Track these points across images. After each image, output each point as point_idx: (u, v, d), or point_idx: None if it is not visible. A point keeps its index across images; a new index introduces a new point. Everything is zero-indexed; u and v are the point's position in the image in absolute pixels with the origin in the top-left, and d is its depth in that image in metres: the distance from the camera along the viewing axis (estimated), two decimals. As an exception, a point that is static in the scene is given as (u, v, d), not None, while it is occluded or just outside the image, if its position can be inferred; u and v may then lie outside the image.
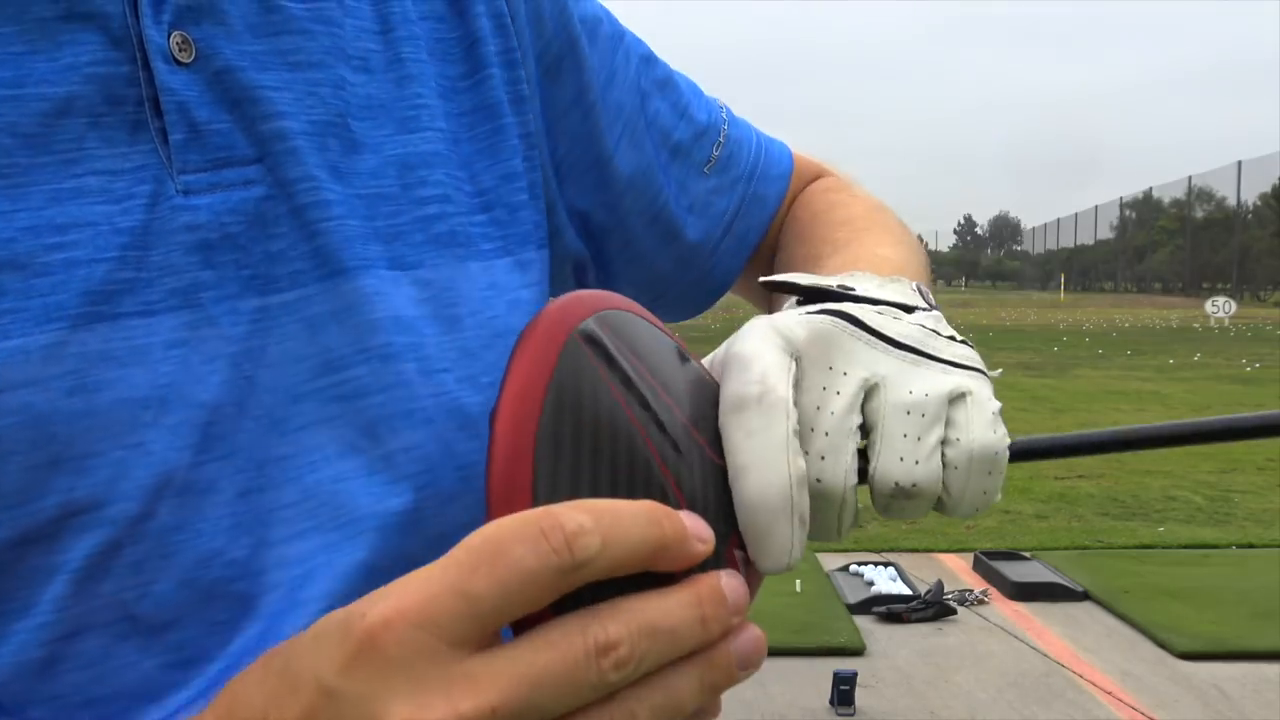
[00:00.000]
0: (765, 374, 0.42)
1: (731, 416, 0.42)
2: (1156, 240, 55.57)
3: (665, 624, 0.34)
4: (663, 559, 0.34)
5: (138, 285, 0.44)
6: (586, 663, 0.32)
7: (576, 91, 0.63)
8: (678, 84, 0.70)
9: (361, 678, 0.31)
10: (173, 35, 0.46)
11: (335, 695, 0.31)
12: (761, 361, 0.43)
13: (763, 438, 0.41)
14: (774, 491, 0.40)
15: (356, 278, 0.49)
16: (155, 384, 0.43)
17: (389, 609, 0.32)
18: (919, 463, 0.44)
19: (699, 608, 0.35)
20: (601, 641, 0.32)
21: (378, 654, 0.31)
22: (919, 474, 0.44)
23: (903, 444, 0.44)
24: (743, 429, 0.41)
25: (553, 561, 0.32)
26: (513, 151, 0.57)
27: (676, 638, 0.34)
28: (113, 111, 0.45)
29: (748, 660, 0.36)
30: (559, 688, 0.32)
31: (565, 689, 0.32)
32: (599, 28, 0.65)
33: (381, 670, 0.31)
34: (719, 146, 0.71)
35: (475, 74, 0.57)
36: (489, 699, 0.31)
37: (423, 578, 0.32)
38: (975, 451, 0.45)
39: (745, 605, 0.36)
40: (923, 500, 0.44)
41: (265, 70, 0.48)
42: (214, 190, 0.46)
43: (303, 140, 0.49)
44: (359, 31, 0.53)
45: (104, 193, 0.44)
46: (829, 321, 0.46)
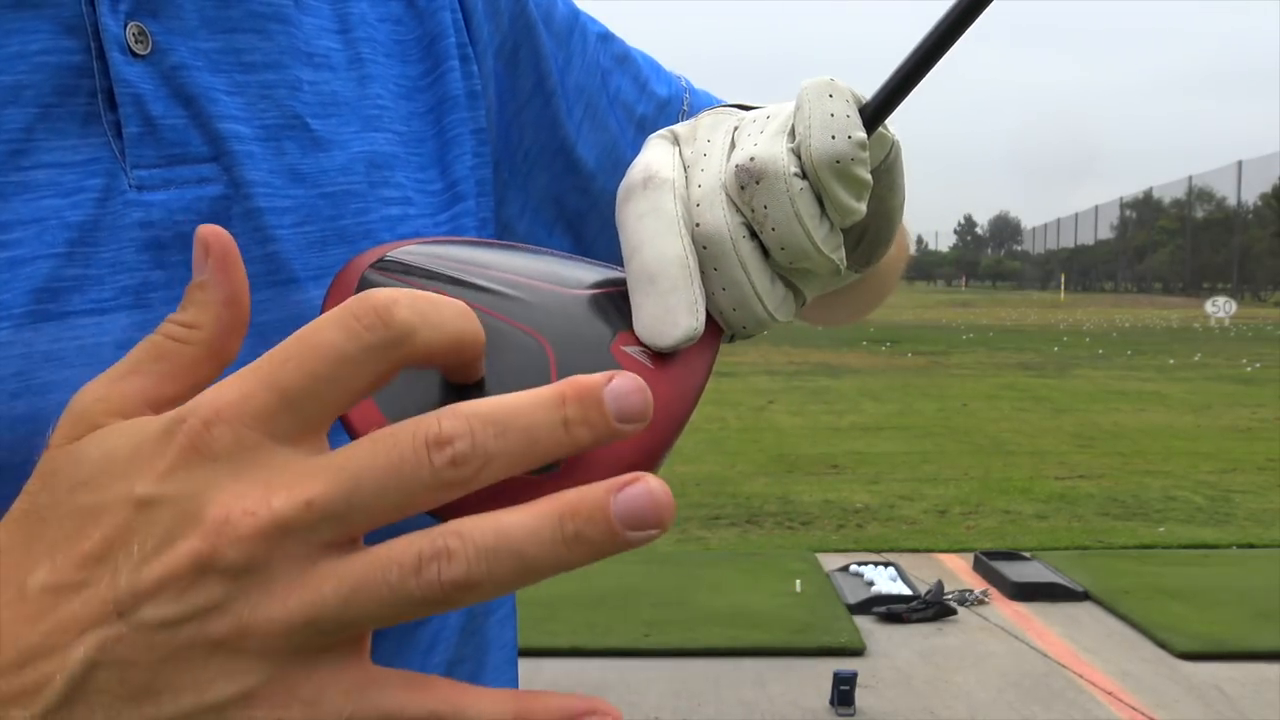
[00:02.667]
0: (649, 162, 0.43)
1: (622, 206, 0.43)
2: (1157, 240, 55.55)
3: (517, 421, 0.30)
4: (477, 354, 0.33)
5: (86, 283, 0.42)
6: (415, 456, 0.29)
7: (536, 79, 0.62)
8: (636, 59, 0.70)
9: (181, 479, 0.30)
10: (129, 26, 0.44)
11: (152, 503, 0.30)
12: (645, 155, 0.44)
13: (651, 217, 0.42)
14: (668, 256, 0.41)
15: (306, 289, 0.48)
16: None
17: (208, 409, 0.30)
18: (758, 144, 0.43)
19: (560, 407, 0.30)
20: (434, 434, 0.29)
21: (200, 453, 0.30)
22: (758, 150, 0.42)
23: (746, 139, 0.44)
24: (633, 213, 0.42)
25: (364, 338, 0.30)
26: (464, 146, 0.57)
27: (531, 437, 0.30)
28: (63, 102, 0.43)
29: (637, 516, 0.29)
30: (383, 482, 0.29)
31: (391, 484, 0.29)
32: (553, 10, 0.64)
33: (202, 468, 0.30)
34: (684, 115, 0.71)
35: (436, 70, 0.56)
36: (305, 491, 0.29)
37: (239, 376, 0.31)
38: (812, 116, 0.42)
39: (638, 411, 0.30)
40: (769, 179, 0.42)
41: (218, 72, 0.47)
42: (168, 186, 0.45)
43: (256, 145, 0.48)
44: (317, 30, 0.52)
45: (52, 186, 0.42)
46: (710, 111, 0.47)
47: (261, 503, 0.30)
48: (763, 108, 0.46)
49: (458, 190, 0.56)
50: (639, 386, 0.31)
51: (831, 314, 0.77)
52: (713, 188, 0.43)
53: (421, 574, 0.29)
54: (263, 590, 0.30)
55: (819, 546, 5.53)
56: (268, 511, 0.29)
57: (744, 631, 4.19)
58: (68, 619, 0.31)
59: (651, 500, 0.29)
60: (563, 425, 0.30)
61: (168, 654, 0.30)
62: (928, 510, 6.39)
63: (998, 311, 33.58)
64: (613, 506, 0.29)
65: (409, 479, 0.29)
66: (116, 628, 0.30)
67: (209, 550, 0.29)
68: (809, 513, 6.30)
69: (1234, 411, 10.49)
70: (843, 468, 7.60)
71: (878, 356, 16.19)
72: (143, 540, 0.30)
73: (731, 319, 0.43)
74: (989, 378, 13.47)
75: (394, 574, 0.29)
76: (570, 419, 0.30)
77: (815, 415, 10.05)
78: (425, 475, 0.29)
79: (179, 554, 0.30)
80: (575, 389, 0.30)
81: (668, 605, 4.46)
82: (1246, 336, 21.84)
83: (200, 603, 0.30)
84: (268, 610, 0.30)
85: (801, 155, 0.42)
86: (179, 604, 0.30)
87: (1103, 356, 16.67)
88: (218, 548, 0.29)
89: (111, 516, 0.31)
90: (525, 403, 0.30)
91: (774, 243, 0.42)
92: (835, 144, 0.42)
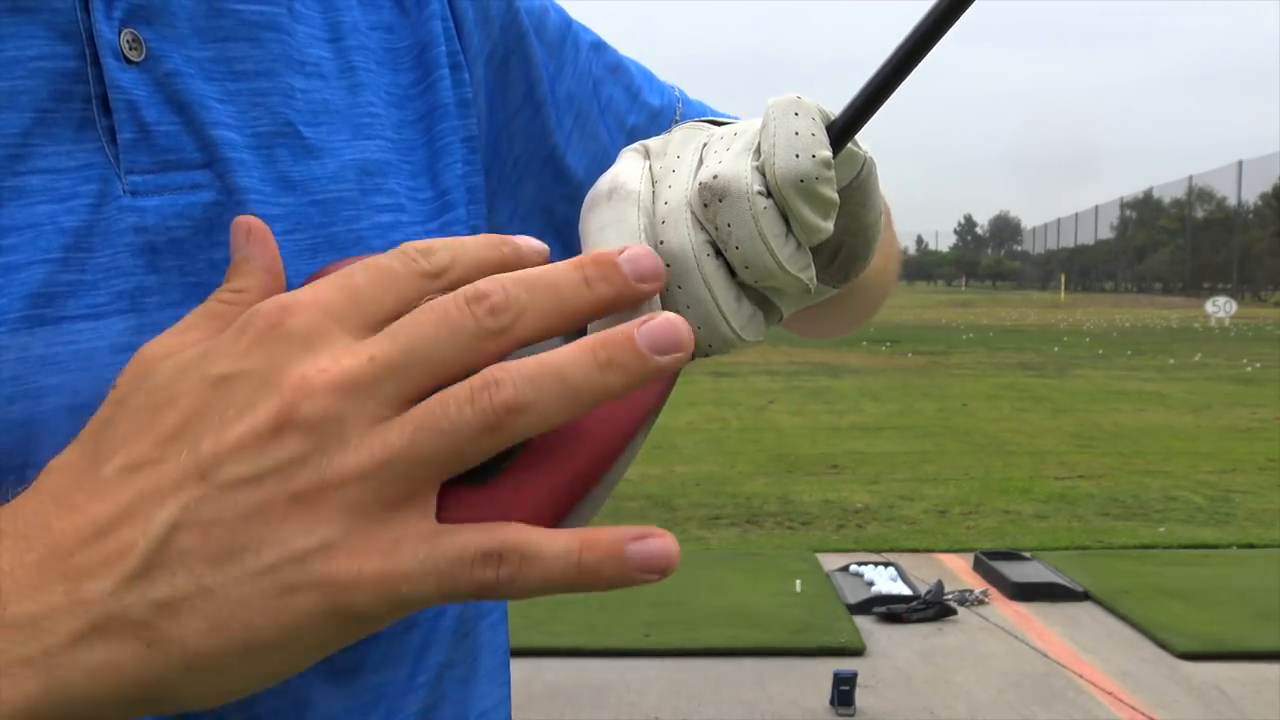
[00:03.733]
0: (617, 174, 0.44)
1: (585, 215, 0.44)
2: (1157, 240, 55.54)
3: (543, 279, 0.35)
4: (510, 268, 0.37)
5: (81, 288, 0.42)
6: (459, 310, 0.34)
7: (526, 87, 0.62)
8: (629, 69, 0.70)
9: (260, 354, 0.34)
10: (124, 33, 0.45)
11: (229, 379, 0.34)
12: (614, 168, 0.45)
13: (613, 229, 0.42)
14: None
15: None
16: (100, 391, 0.42)
17: (284, 299, 0.35)
18: (722, 161, 0.43)
19: (580, 269, 0.35)
20: (472, 292, 0.34)
21: (276, 333, 0.34)
22: (722, 167, 0.42)
23: (713, 156, 0.44)
24: (596, 224, 0.43)
25: (413, 266, 0.36)
26: (454, 154, 0.57)
27: (558, 291, 0.35)
28: (59, 108, 0.43)
29: (659, 340, 0.34)
30: (435, 335, 0.34)
31: (442, 335, 0.34)
32: (545, 18, 0.64)
33: (279, 344, 0.34)
34: (676, 126, 0.71)
35: (427, 78, 0.56)
36: (368, 350, 0.34)
37: (310, 285, 0.36)
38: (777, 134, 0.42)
39: (651, 273, 0.36)
40: (732, 198, 0.41)
41: (211, 79, 0.47)
42: (162, 192, 0.45)
43: (248, 153, 0.48)
44: (309, 39, 0.52)
45: (47, 191, 0.42)
46: (683, 126, 0.47)
47: (333, 362, 0.33)
48: (733, 123, 0.46)
49: (448, 198, 0.56)
50: (648, 253, 0.36)
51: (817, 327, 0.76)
52: (678, 204, 0.43)
53: (475, 402, 0.32)
54: (338, 443, 0.33)
55: (819, 546, 5.53)
56: (338, 369, 0.33)
57: (744, 631, 4.19)
58: (149, 488, 0.33)
59: (670, 326, 0.34)
60: (584, 283, 0.35)
61: (250, 510, 0.32)
62: (928, 510, 6.39)
63: (998, 311, 33.59)
64: (638, 334, 0.34)
65: (457, 329, 0.34)
66: (200, 489, 0.32)
67: (287, 406, 0.33)
68: (809, 513, 6.30)
69: (1234, 411, 10.49)
70: (843, 468, 7.60)
71: (878, 356, 16.19)
72: (223, 410, 0.33)
73: (697, 337, 0.42)
74: (989, 378, 13.47)
75: (451, 407, 0.33)
76: (590, 277, 0.35)
77: (815, 415, 10.05)
78: (470, 324, 0.34)
79: (259, 414, 0.33)
80: (592, 257, 0.35)
81: (668, 605, 4.46)
82: (1246, 336, 21.84)
83: (282, 457, 0.32)
84: (343, 461, 0.32)
85: (766, 174, 0.42)
86: (261, 460, 0.32)
87: (1103, 356, 16.67)
88: (295, 402, 0.32)
89: (188, 398, 0.34)
90: (549, 267, 0.35)
91: (738, 261, 0.42)
92: (799, 163, 0.41)
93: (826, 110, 0.43)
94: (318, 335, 0.34)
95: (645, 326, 0.34)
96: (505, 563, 0.33)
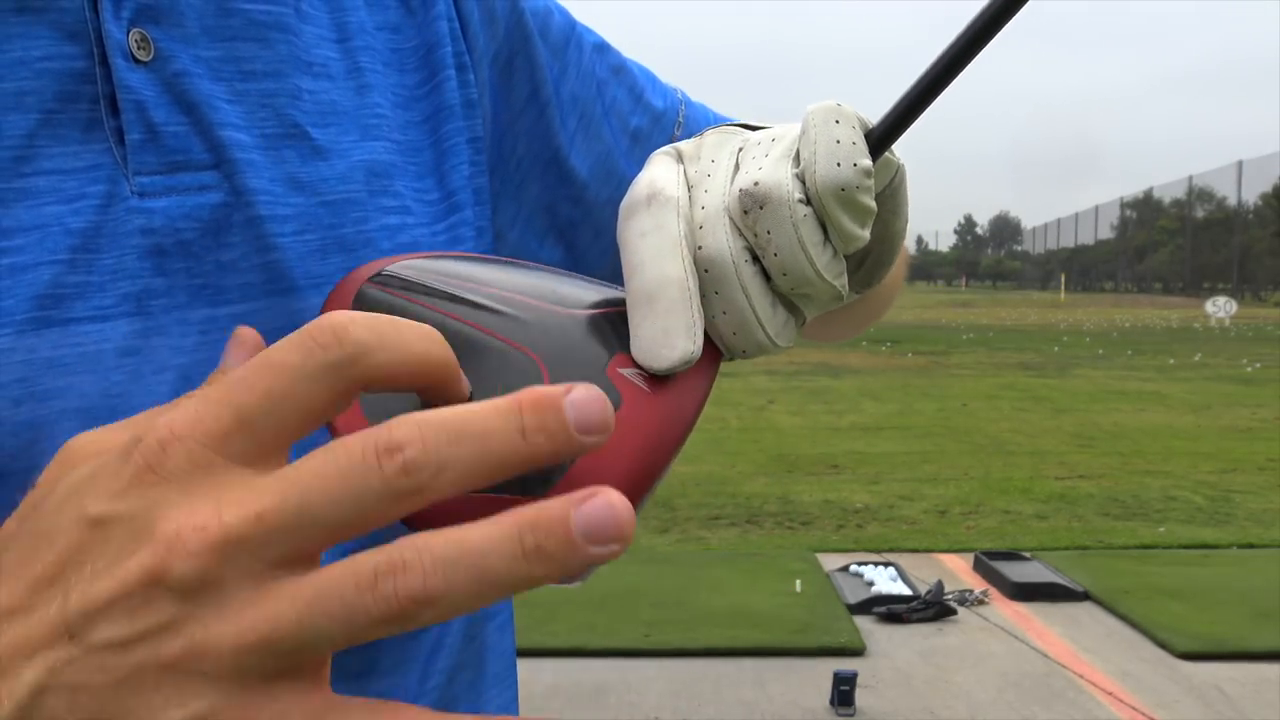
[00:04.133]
0: (654, 178, 0.43)
1: (625, 223, 0.42)
2: (1157, 240, 55.55)
3: (470, 428, 0.29)
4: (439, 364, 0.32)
5: (89, 289, 0.42)
6: (365, 464, 0.28)
7: (531, 88, 0.62)
8: (632, 71, 0.70)
9: (134, 498, 0.30)
10: (132, 32, 0.44)
11: (105, 522, 0.30)
12: (649, 172, 0.44)
13: (655, 236, 0.41)
14: (669, 277, 0.40)
15: (306, 297, 0.48)
16: (107, 394, 0.42)
17: (164, 428, 0.30)
18: (762, 168, 0.42)
19: (517, 414, 0.29)
20: (384, 442, 0.28)
21: (154, 473, 0.30)
22: (762, 174, 0.42)
23: (751, 162, 0.43)
24: (636, 231, 0.42)
25: (318, 356, 0.30)
26: (460, 155, 0.57)
27: (486, 445, 0.29)
28: (66, 108, 0.43)
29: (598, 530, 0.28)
30: (334, 492, 0.28)
31: (342, 493, 0.28)
32: (550, 20, 0.64)
33: (156, 487, 0.30)
34: (679, 127, 0.71)
35: (433, 79, 0.56)
36: (256, 505, 0.29)
37: (197, 397, 0.31)
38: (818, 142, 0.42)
39: (598, 422, 0.29)
40: (773, 206, 0.41)
41: (219, 79, 0.47)
42: (170, 194, 0.45)
43: (256, 153, 0.47)
44: (317, 39, 0.52)
45: (54, 193, 0.42)
46: (715, 130, 0.47)
47: (212, 517, 0.29)
48: (768, 128, 0.46)
49: (455, 200, 0.56)
50: (598, 396, 0.30)
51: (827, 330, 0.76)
52: (716, 210, 0.42)
53: (378, 588, 0.28)
54: (215, 609, 0.29)
55: (819, 546, 5.53)
56: (218, 525, 0.29)
57: (744, 631, 4.19)
58: (19, 641, 0.30)
59: (611, 513, 0.28)
60: (520, 433, 0.29)
61: (120, 678, 0.29)
62: (928, 510, 6.39)
63: (998, 311, 33.59)
64: (573, 519, 0.28)
65: (360, 487, 0.28)
66: (67, 650, 0.29)
67: (159, 565, 0.28)
68: (809, 513, 6.30)
69: (1234, 411, 10.49)
70: (843, 468, 7.60)
71: (878, 356, 16.19)
72: (95, 559, 0.30)
73: (731, 343, 0.43)
74: (989, 378, 13.47)
75: (350, 589, 0.28)
76: (528, 427, 0.29)
77: (815, 415, 10.05)
78: (376, 483, 0.28)
79: (129, 570, 0.29)
80: (532, 397, 0.29)
81: (668, 605, 4.46)
82: (1246, 336, 21.84)
83: (152, 622, 0.29)
84: (220, 630, 0.29)
85: (806, 181, 0.41)
86: (130, 623, 0.29)
87: (1103, 356, 16.67)
88: (168, 563, 0.28)
89: (64, 537, 0.30)
90: (480, 410, 0.29)
91: (776, 268, 0.42)
92: (840, 171, 0.41)
93: (865, 118, 0.43)
94: (199, 474, 0.30)
95: (582, 513, 0.28)
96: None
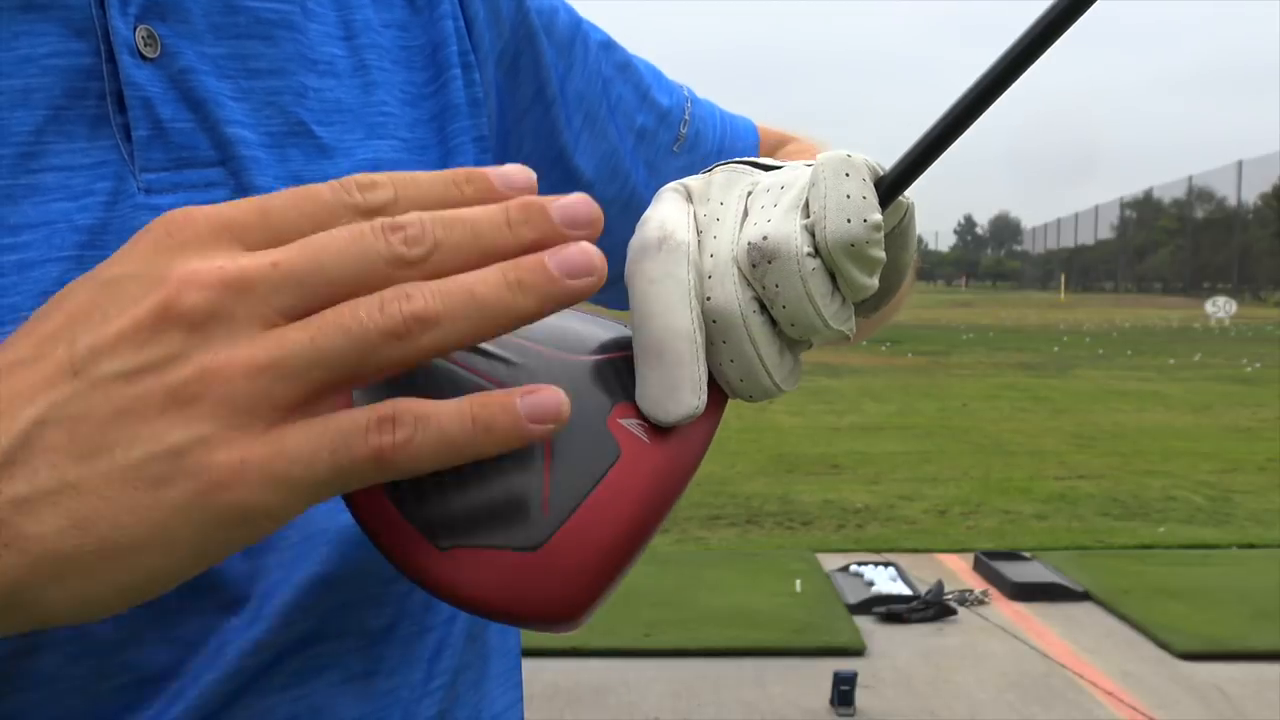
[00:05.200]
0: (664, 221, 0.42)
1: (635, 265, 0.42)
2: (1157, 240, 55.54)
3: (462, 217, 0.33)
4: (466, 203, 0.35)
5: None
6: (373, 235, 0.32)
7: (536, 87, 0.62)
8: (638, 68, 0.69)
9: (148, 258, 0.32)
10: (139, 29, 0.45)
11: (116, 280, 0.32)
12: (660, 211, 0.43)
13: (664, 285, 0.40)
14: (677, 330, 0.40)
15: None
16: None
17: (192, 209, 0.33)
18: (771, 220, 0.42)
19: (504, 211, 0.34)
20: (389, 222, 0.33)
21: (172, 238, 0.32)
22: (771, 228, 0.41)
23: (760, 212, 0.43)
24: (646, 277, 0.41)
25: (345, 199, 0.33)
26: (466, 154, 0.57)
27: (475, 230, 0.33)
28: (73, 105, 0.43)
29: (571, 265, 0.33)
30: (343, 253, 0.32)
31: (350, 255, 0.32)
32: (555, 18, 0.64)
33: (171, 249, 0.32)
34: (685, 125, 0.71)
35: (440, 77, 0.56)
36: (272, 256, 0.32)
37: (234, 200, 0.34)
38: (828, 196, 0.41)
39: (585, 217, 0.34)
40: (782, 260, 0.41)
41: (225, 77, 0.47)
42: (176, 190, 0.45)
43: (262, 151, 0.48)
44: (323, 37, 0.52)
45: (61, 189, 0.42)
46: (724, 168, 0.46)
47: (228, 260, 0.31)
48: (779, 170, 0.45)
49: None
50: (584, 199, 0.34)
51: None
52: (725, 260, 0.42)
53: (384, 309, 0.31)
54: (226, 339, 0.31)
55: (819, 546, 5.52)
56: (234, 265, 0.31)
57: (744, 631, 4.19)
58: (21, 386, 0.31)
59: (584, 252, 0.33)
60: (506, 224, 0.33)
61: (123, 407, 0.30)
62: (928, 510, 6.39)
63: (998, 311, 33.58)
64: (548, 257, 0.33)
65: (369, 251, 0.32)
66: (71, 385, 0.30)
67: (172, 297, 0.30)
68: (809, 513, 6.29)
69: (1234, 411, 10.49)
70: (843, 468, 7.60)
71: (878, 356, 16.18)
72: (105, 308, 0.31)
73: (738, 389, 0.43)
74: (989, 378, 13.47)
75: (361, 310, 0.31)
76: (513, 220, 0.34)
77: (815, 415, 10.04)
78: (383, 248, 0.32)
79: (140, 308, 0.31)
80: (522, 201, 0.34)
81: (668, 605, 4.45)
82: (1246, 336, 21.84)
83: (160, 353, 0.30)
84: (230, 355, 0.30)
85: (816, 236, 0.41)
86: (137, 354, 0.30)
87: (1103, 356, 16.66)
88: (181, 294, 0.30)
89: (74, 299, 0.32)
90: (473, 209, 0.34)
91: (784, 319, 0.42)
92: (850, 228, 0.41)
93: (875, 166, 0.43)
94: (213, 244, 0.32)
95: (559, 252, 0.33)
96: (400, 425, 0.31)
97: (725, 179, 0.45)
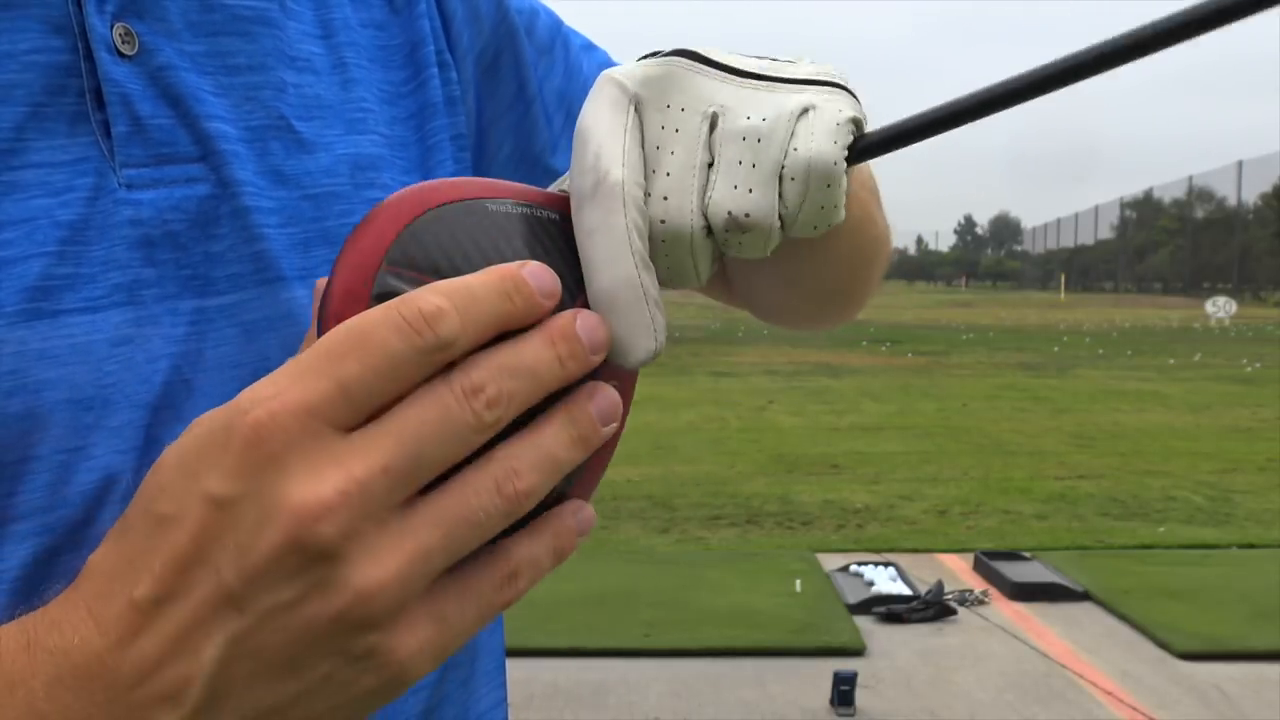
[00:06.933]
0: (599, 156, 0.40)
1: (575, 214, 0.40)
2: (1157, 240, 55.52)
3: (524, 364, 0.35)
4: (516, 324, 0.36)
5: (79, 281, 0.42)
6: (460, 407, 0.34)
7: (517, 86, 0.62)
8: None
9: (253, 475, 0.32)
10: (116, 26, 0.45)
11: (228, 502, 0.32)
12: (595, 138, 0.40)
13: (603, 234, 0.39)
14: (621, 280, 0.39)
15: (293, 288, 0.48)
16: (99, 384, 0.42)
17: (270, 404, 0.33)
18: (753, 190, 0.40)
19: (553, 347, 0.36)
20: (468, 386, 0.34)
21: (265, 448, 0.32)
22: (751, 202, 0.40)
23: (738, 171, 0.41)
24: (584, 228, 0.40)
25: (416, 343, 0.34)
26: (444, 152, 0.57)
27: (537, 376, 0.35)
28: (52, 102, 0.43)
29: (605, 414, 0.37)
30: (440, 435, 0.33)
31: (446, 435, 0.34)
32: (536, 19, 0.65)
33: (272, 462, 0.32)
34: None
35: (418, 76, 0.57)
36: (379, 459, 0.33)
37: (295, 370, 0.34)
38: (811, 161, 0.40)
39: (602, 344, 0.38)
40: (758, 233, 0.41)
41: (204, 73, 0.47)
42: (157, 186, 0.45)
43: (242, 146, 0.48)
44: (301, 35, 0.52)
45: (42, 185, 0.42)
46: (668, 61, 0.43)
47: (344, 478, 0.32)
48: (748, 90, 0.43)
49: None
50: (599, 320, 0.38)
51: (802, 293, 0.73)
52: (683, 185, 0.41)
53: (501, 492, 0.34)
54: (367, 555, 0.33)
55: (819, 546, 5.53)
56: (350, 482, 0.32)
57: (744, 631, 4.19)
58: (187, 622, 0.33)
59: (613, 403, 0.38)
60: (558, 363, 0.36)
61: (296, 633, 0.33)
62: (928, 510, 6.39)
63: (998, 311, 33.59)
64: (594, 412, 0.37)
65: (459, 426, 0.34)
66: (239, 621, 0.32)
67: (304, 532, 0.32)
68: (809, 513, 6.30)
69: (1234, 411, 10.49)
70: (843, 468, 7.60)
71: (878, 356, 16.19)
72: (235, 536, 0.32)
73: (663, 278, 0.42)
74: (989, 378, 13.47)
75: (484, 500, 0.34)
76: (563, 357, 0.36)
77: (815, 415, 10.05)
78: (471, 420, 0.34)
79: (271, 541, 0.32)
80: (560, 331, 0.36)
81: (668, 605, 4.46)
82: (1246, 336, 21.85)
83: (312, 579, 0.32)
84: (378, 571, 0.33)
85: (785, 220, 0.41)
86: (291, 586, 0.32)
87: (1103, 356, 16.67)
88: (312, 528, 0.32)
89: (191, 519, 0.33)
90: (528, 349, 0.36)
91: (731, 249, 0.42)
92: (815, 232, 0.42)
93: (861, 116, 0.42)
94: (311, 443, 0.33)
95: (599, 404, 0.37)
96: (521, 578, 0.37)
97: (666, 77, 0.42)
